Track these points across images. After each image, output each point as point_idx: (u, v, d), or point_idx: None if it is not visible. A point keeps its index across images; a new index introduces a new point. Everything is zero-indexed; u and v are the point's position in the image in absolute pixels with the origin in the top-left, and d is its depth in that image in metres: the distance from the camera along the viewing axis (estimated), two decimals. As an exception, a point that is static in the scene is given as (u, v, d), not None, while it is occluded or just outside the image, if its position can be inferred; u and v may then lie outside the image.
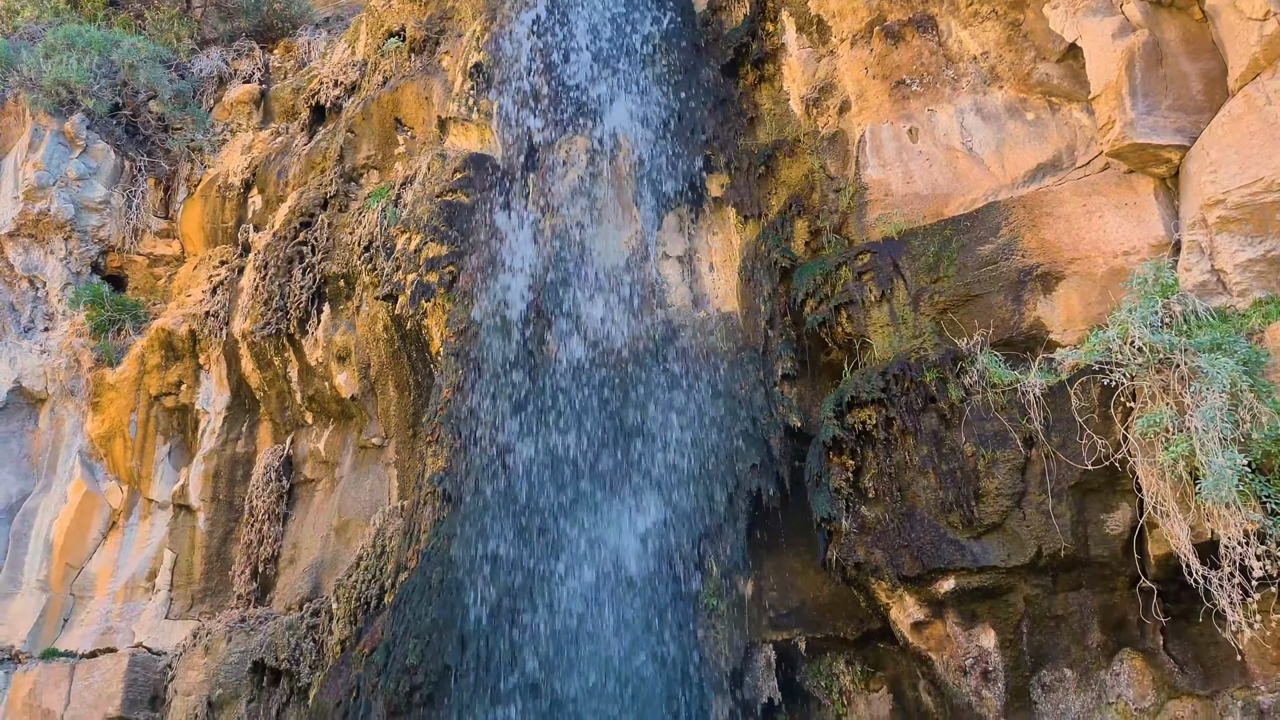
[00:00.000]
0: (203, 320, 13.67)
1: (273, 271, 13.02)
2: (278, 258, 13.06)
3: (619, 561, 8.93)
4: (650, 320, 10.21)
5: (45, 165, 14.61)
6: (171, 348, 13.80)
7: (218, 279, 13.99)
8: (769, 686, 8.68)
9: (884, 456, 8.19)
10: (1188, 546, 6.66)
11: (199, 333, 13.66)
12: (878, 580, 8.00)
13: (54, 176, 14.69)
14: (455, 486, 9.38)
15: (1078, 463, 7.34)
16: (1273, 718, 6.88)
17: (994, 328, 8.19)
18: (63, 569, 13.44)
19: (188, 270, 14.94)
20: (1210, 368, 6.55)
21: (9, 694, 12.46)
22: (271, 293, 12.88)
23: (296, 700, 10.90)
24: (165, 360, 13.79)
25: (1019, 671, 7.63)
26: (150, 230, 15.25)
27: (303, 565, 12.34)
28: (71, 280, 14.74)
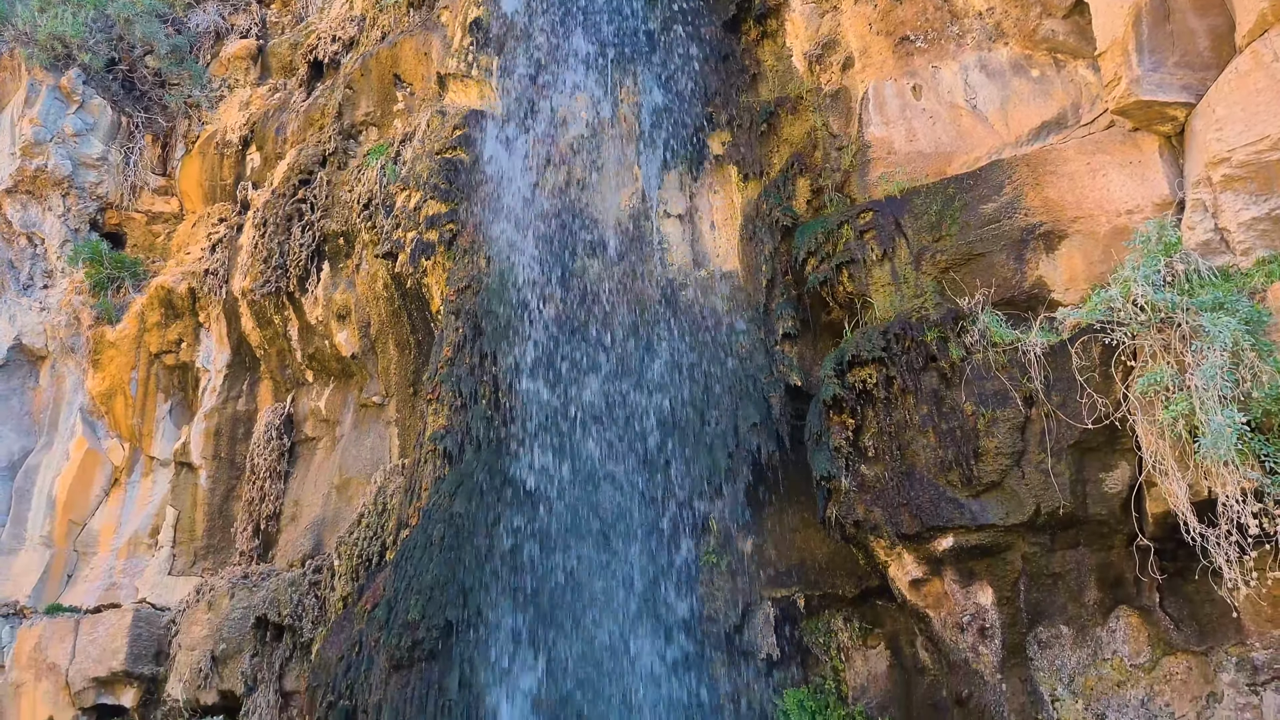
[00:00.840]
0: (202, 278, 13.64)
1: (272, 229, 12.96)
2: (277, 215, 13.00)
3: (620, 519, 8.97)
4: (651, 279, 10.18)
5: (42, 121, 14.51)
6: (171, 305, 13.78)
7: (217, 237, 13.94)
8: (768, 643, 8.75)
9: (884, 415, 8.20)
10: (1185, 505, 6.68)
11: (199, 291, 13.64)
12: (877, 538, 8.04)
13: (51, 132, 14.60)
14: (456, 444, 9.40)
15: (1078, 422, 7.34)
16: (1266, 673, 6.96)
17: (996, 287, 8.17)
18: (66, 525, 13.52)
19: (186, 228, 14.88)
20: (1212, 326, 6.54)
21: (14, 648, 12.59)
22: (271, 250, 12.83)
23: (299, 655, 11.01)
24: (165, 318, 13.78)
25: (1016, 628, 7.69)
26: (148, 187, 15.17)
27: (304, 522, 12.41)
28: (70, 237, 14.69)
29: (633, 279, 10.12)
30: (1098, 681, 7.51)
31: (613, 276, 10.11)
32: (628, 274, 10.14)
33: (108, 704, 12.08)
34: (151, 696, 11.98)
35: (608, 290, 10.04)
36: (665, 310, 9.98)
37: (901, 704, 8.31)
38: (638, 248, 10.31)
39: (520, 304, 9.90)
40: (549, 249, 10.22)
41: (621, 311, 9.99)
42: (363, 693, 8.49)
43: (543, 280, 10.06)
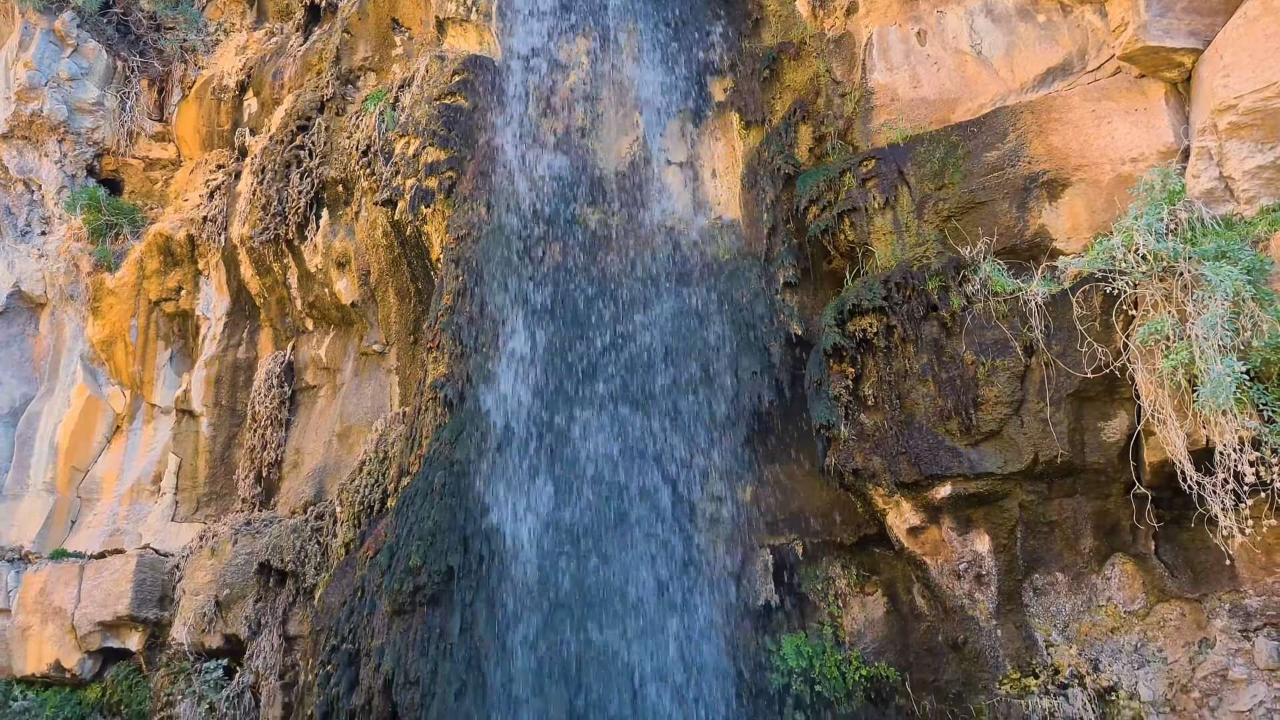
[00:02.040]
0: (201, 225, 13.57)
1: (270, 176, 12.87)
2: (275, 162, 12.90)
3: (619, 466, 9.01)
4: (652, 227, 10.13)
5: (36, 65, 14.34)
6: (170, 253, 13.73)
7: (215, 183, 13.85)
8: (766, 589, 8.82)
9: (884, 364, 8.21)
10: (1183, 453, 6.72)
11: (197, 238, 13.58)
12: (875, 486, 8.09)
13: (45, 77, 14.44)
14: (456, 392, 9.41)
15: (1077, 371, 7.36)
16: (1259, 620, 7.04)
17: (998, 236, 8.14)
18: (68, 472, 13.59)
19: (184, 174, 14.78)
20: (1213, 275, 6.52)
21: (20, 592, 12.72)
22: (269, 198, 12.75)
23: (302, 600, 11.12)
24: (164, 265, 13.73)
25: (1012, 575, 7.77)
26: (145, 133, 15.04)
27: (306, 470, 12.47)
28: (67, 183, 14.59)
29: (634, 227, 10.07)
30: (1092, 627, 7.60)
31: (614, 225, 10.06)
32: (629, 222, 10.09)
33: (113, 647, 12.24)
34: (156, 640, 12.13)
35: (609, 239, 9.99)
36: (666, 259, 9.94)
37: (898, 649, 8.40)
38: (639, 196, 10.24)
39: (521, 252, 9.86)
40: (549, 197, 10.15)
41: (623, 260, 9.95)
42: (365, 637, 8.59)
43: (543, 228, 10.00)
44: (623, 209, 10.14)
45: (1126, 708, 7.34)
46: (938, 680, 8.05)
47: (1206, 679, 7.15)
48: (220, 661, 11.35)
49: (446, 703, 7.82)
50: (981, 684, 7.78)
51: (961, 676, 7.93)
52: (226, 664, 11.34)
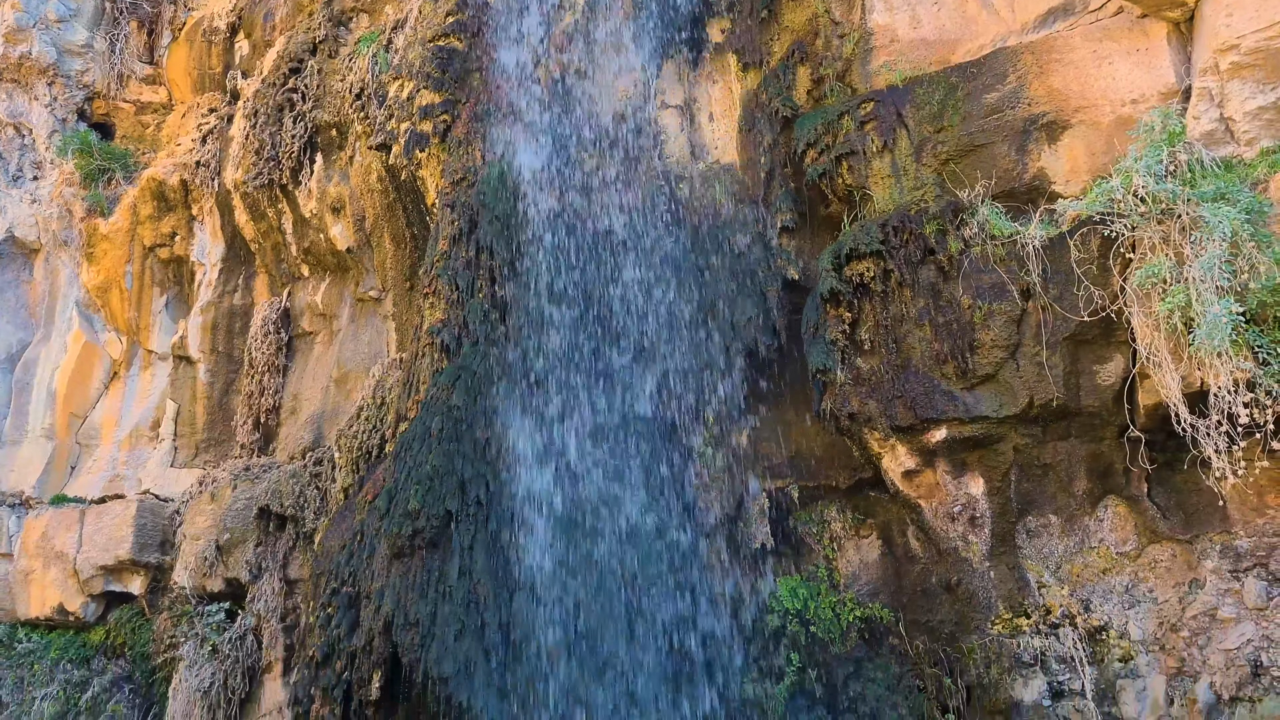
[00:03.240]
0: (194, 170, 13.46)
1: (263, 120, 12.74)
2: (267, 105, 12.77)
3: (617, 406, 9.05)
4: (648, 171, 10.05)
5: (23, 6, 14.13)
6: (163, 198, 13.63)
7: (207, 127, 13.71)
8: (761, 532, 8.90)
9: (881, 309, 8.21)
10: (1178, 396, 6.75)
11: (190, 183, 13.48)
12: (871, 430, 8.13)
13: (33, 18, 14.22)
14: (453, 338, 9.40)
15: (1074, 314, 7.36)
16: (1249, 560, 7.12)
17: (996, 179, 8.09)
18: (67, 418, 13.63)
19: (176, 118, 14.63)
20: (1212, 217, 6.50)
21: (21, 537, 12.82)
22: (262, 142, 12.64)
23: (302, 544, 11.22)
24: (158, 211, 13.64)
25: (1005, 518, 7.84)
26: (135, 76, 14.86)
27: (304, 416, 12.51)
28: (58, 127, 14.45)
29: (630, 171, 10.00)
30: (1084, 568, 7.69)
31: (610, 169, 9.99)
32: (625, 166, 10.01)
33: (116, 591, 12.36)
34: (159, 584, 12.26)
35: (605, 183, 9.93)
36: (663, 203, 9.89)
37: (892, 590, 8.50)
38: (635, 140, 10.15)
39: (517, 196, 9.79)
40: (545, 140, 10.06)
41: (619, 204, 9.90)
42: (365, 580, 8.68)
43: (539, 172, 9.93)
44: (619, 153, 10.05)
45: (1116, 646, 7.45)
46: (931, 621, 8.17)
47: (1196, 618, 7.25)
48: (222, 604, 11.48)
49: (446, 644, 7.92)
50: (974, 624, 7.89)
51: (954, 617, 8.04)
52: (228, 607, 11.47)
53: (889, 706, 7.74)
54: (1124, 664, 7.41)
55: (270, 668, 10.95)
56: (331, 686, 8.50)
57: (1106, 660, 7.48)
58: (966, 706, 7.72)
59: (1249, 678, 6.98)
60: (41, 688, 11.84)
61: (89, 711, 11.66)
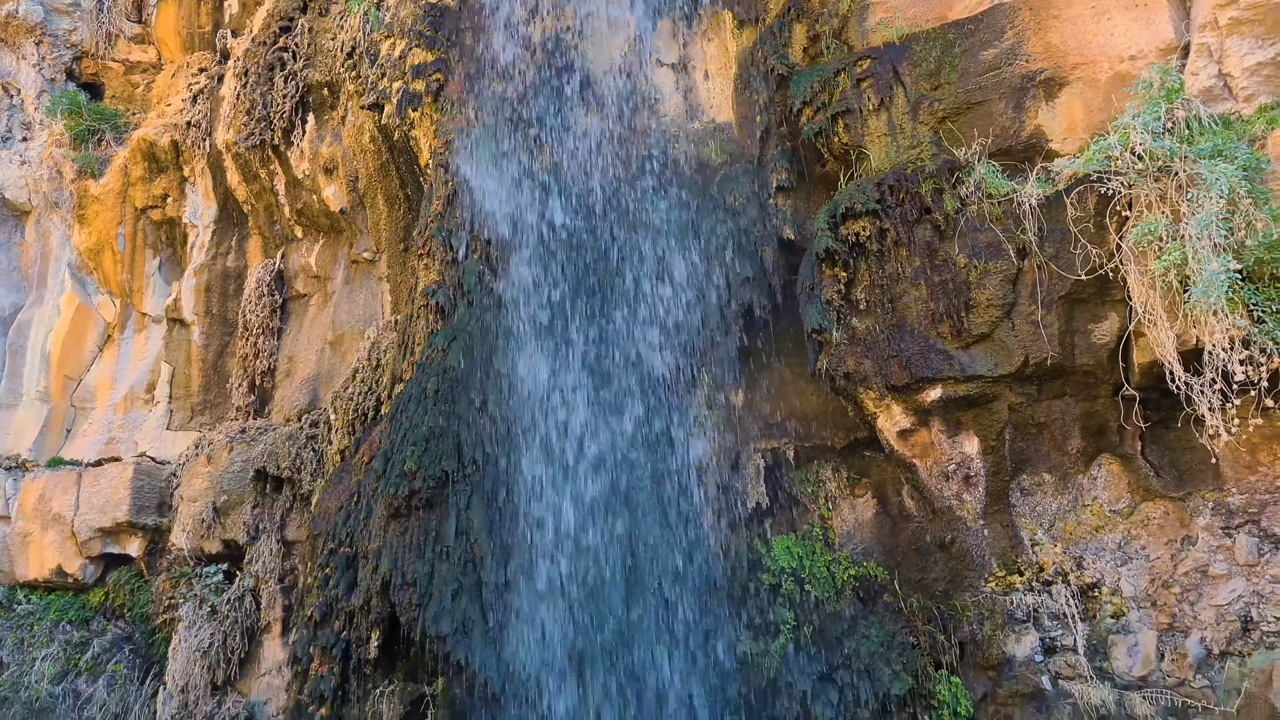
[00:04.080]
0: (184, 131, 13.33)
1: (253, 79, 12.61)
2: (258, 65, 12.62)
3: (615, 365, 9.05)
4: (643, 131, 9.98)
5: (9, -36, 13.94)
6: (154, 159, 13.51)
7: (197, 87, 13.56)
8: (757, 492, 8.94)
9: (876, 268, 8.19)
10: (1172, 354, 6.76)
11: (181, 144, 13.36)
12: (866, 390, 8.14)
13: (19, -24, 14.04)
14: (448, 299, 9.37)
15: (1070, 273, 7.35)
16: (1241, 517, 7.18)
17: (993, 137, 8.04)
18: (61, 381, 13.60)
19: (166, 78, 14.46)
20: (1209, 174, 6.47)
21: (19, 499, 12.84)
22: (253, 102, 12.51)
23: (299, 506, 11.25)
24: (149, 172, 13.53)
25: (999, 476, 7.88)
26: (124, 35, 14.67)
27: (299, 378, 12.49)
28: (46, 87, 14.29)
29: (625, 131, 9.92)
30: (1077, 526, 7.74)
31: (605, 128, 9.91)
32: (620, 125, 9.94)
33: (114, 553, 12.40)
34: (156, 546, 12.30)
35: (600, 142, 9.85)
36: (658, 163, 9.83)
37: (886, 549, 8.55)
38: (630, 99, 10.07)
39: (510, 154, 9.72)
40: (539, 99, 9.97)
41: (615, 164, 9.83)
42: (362, 540, 8.71)
43: (534, 131, 9.85)
44: (614, 112, 9.97)
45: (1108, 603, 7.52)
46: (925, 579, 8.23)
47: (1187, 575, 7.32)
48: (220, 566, 11.53)
49: (444, 603, 7.97)
50: (967, 582, 7.95)
51: (948, 575, 8.10)
52: (226, 568, 11.52)
53: (883, 662, 7.81)
54: (1116, 620, 7.48)
55: (269, 628, 11.02)
56: (330, 645, 8.57)
57: (1098, 616, 7.55)
58: (959, 662, 7.80)
59: (1239, 633, 7.06)
60: (42, 648, 11.92)
61: (90, 671, 11.75)
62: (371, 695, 8.56)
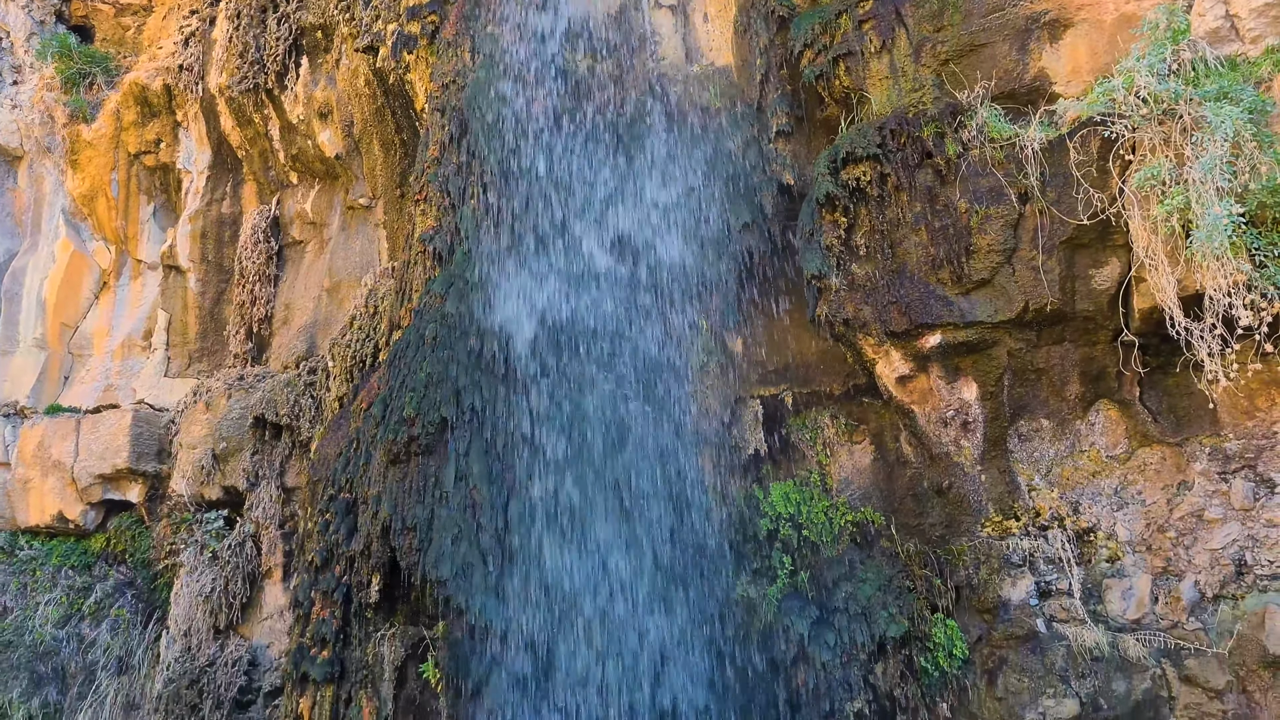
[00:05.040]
0: (176, 74, 13.16)
1: (246, 22, 12.41)
2: (250, 6, 12.43)
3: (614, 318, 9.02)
4: (641, 74, 9.85)
5: (-5, -98, 13.66)
6: (147, 103, 13.35)
7: (189, 30, 13.35)
8: (755, 439, 8.96)
9: (877, 213, 8.13)
10: (1173, 299, 6.74)
11: (174, 88, 13.19)
12: (865, 336, 8.12)
13: (6, -85, 13.77)
14: (445, 245, 9.31)
15: (1072, 218, 7.30)
16: (1237, 462, 7.21)
17: (996, 79, 7.95)
18: (58, 328, 13.56)
19: (157, 20, 14.24)
20: (1214, 117, 6.41)
21: (18, 446, 12.87)
22: (246, 44, 12.33)
23: (298, 452, 11.28)
24: (142, 117, 13.37)
25: (998, 422, 7.89)
26: (114, -23, 14.45)
27: (296, 325, 12.46)
28: (36, 30, 14.08)
29: (623, 74, 9.79)
30: (1074, 471, 7.77)
31: (603, 72, 9.78)
32: (618, 69, 9.80)
33: (114, 499, 12.46)
34: (156, 492, 12.35)
35: (598, 86, 9.73)
36: (657, 107, 9.71)
37: (883, 495, 8.60)
38: (628, 41, 9.92)
39: (508, 98, 9.60)
40: (536, 41, 9.83)
41: (613, 108, 9.71)
42: (362, 486, 8.73)
43: (531, 74, 9.72)
44: (612, 55, 9.83)
45: (1104, 547, 7.57)
46: (922, 524, 8.28)
47: (1183, 519, 7.36)
48: (220, 512, 11.59)
49: (443, 548, 8.01)
50: (964, 527, 8.00)
51: (945, 520, 8.15)
52: (227, 514, 11.58)
53: (879, 606, 7.88)
54: (1111, 564, 7.54)
55: (270, 573, 11.11)
56: (331, 590, 8.63)
57: (1094, 561, 7.61)
58: (955, 606, 7.87)
59: (1233, 576, 7.12)
60: (45, 593, 12.02)
61: (92, 616, 11.86)
62: (373, 638, 8.64)
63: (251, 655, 10.86)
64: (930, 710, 7.71)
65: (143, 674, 11.36)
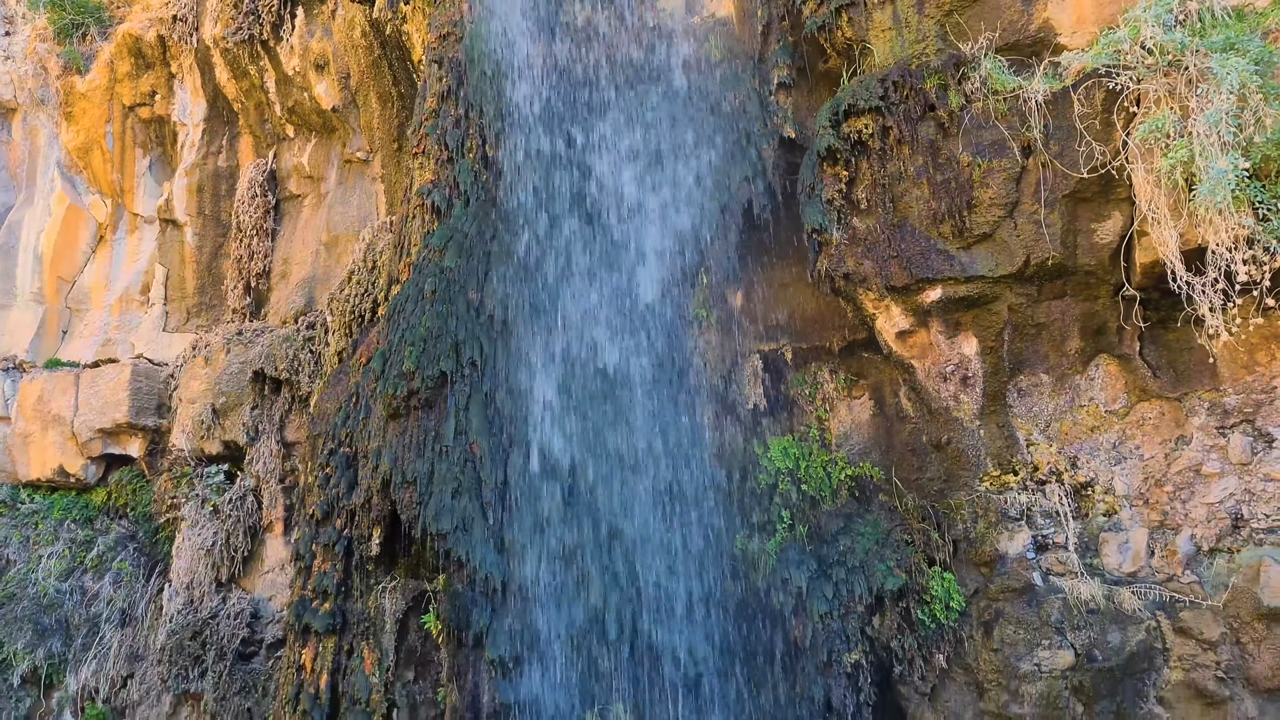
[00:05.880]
0: (171, 25, 12.99)
1: (239, -30, 12.26)
2: (244, -44, 12.26)
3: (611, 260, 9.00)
4: (641, 27, 9.74)
5: None
6: (141, 54, 13.19)
7: (182, -21, 13.19)
8: (755, 393, 8.97)
9: (878, 167, 8.07)
10: (1175, 253, 6.71)
11: (168, 38, 13.03)
12: (865, 290, 8.10)
13: None
14: (444, 199, 9.25)
15: (1074, 171, 7.25)
16: (1236, 417, 7.22)
17: (1000, 30, 7.84)
18: (55, 282, 13.51)
19: (149, -31, 14.05)
20: (1220, 69, 6.33)
21: (18, 400, 12.87)
22: (240, -7, 12.19)
23: (298, 407, 11.30)
24: (136, 68, 13.22)
25: (997, 377, 7.89)
26: (105, -75, 14.21)
27: (294, 280, 12.42)
28: (27, -20, 13.89)
29: (623, 25, 9.68)
30: (1073, 426, 7.79)
31: (603, 23, 9.66)
32: (618, 20, 9.68)
33: (115, 453, 12.49)
34: (157, 446, 12.38)
35: (598, 37, 9.62)
36: (656, 59, 9.61)
37: (882, 449, 8.62)
38: (628, -8, 9.80)
39: (506, 48, 9.50)
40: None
41: (611, 60, 9.61)
42: (362, 440, 8.76)
43: (529, 26, 9.60)
44: (610, 5, 9.71)
45: (1101, 501, 7.61)
46: (920, 478, 8.31)
47: (1180, 473, 7.39)
48: (221, 466, 11.63)
49: (444, 501, 8.05)
50: (962, 481, 8.03)
51: (943, 474, 8.18)
52: (227, 469, 11.62)
53: (877, 559, 7.94)
54: (1108, 518, 7.58)
55: (271, 527, 11.17)
56: (332, 543, 8.68)
57: (1091, 515, 7.65)
58: (953, 559, 7.93)
59: (1229, 529, 7.16)
60: (47, 546, 12.09)
61: (95, 569, 11.94)
62: (374, 590, 8.72)
63: (253, 608, 10.95)
64: (927, 661, 7.79)
65: (146, 626, 11.46)
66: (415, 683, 8.65)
